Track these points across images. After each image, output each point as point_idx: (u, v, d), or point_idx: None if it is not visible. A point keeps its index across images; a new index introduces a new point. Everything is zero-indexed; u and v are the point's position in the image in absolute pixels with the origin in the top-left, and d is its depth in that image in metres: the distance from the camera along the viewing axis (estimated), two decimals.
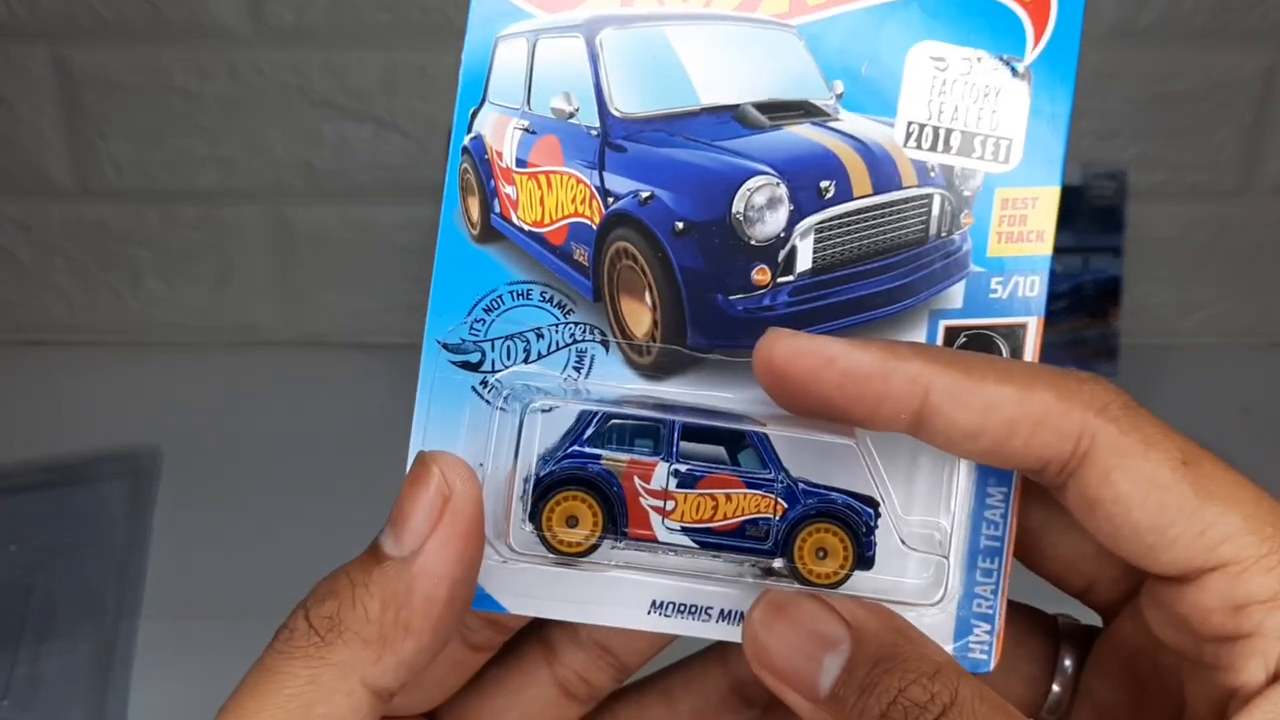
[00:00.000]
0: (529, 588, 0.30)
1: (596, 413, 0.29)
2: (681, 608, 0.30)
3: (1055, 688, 0.32)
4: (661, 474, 0.29)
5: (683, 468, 0.29)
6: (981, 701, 0.26)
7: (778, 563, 0.29)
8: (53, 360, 0.91)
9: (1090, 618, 0.33)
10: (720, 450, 0.30)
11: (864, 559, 0.29)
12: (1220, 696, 0.27)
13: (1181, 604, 0.27)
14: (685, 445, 0.29)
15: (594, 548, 0.29)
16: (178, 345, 0.92)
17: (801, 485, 0.30)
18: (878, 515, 0.29)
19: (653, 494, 0.29)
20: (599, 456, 0.29)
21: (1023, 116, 0.30)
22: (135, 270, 0.91)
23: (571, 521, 0.29)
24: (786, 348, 0.27)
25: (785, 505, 0.29)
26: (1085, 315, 0.86)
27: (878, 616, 0.28)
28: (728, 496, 0.29)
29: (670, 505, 0.29)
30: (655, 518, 0.29)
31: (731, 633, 0.30)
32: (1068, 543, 0.31)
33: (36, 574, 0.73)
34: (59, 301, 0.92)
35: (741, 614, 0.29)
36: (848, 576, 0.29)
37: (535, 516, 0.29)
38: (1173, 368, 0.89)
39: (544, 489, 0.29)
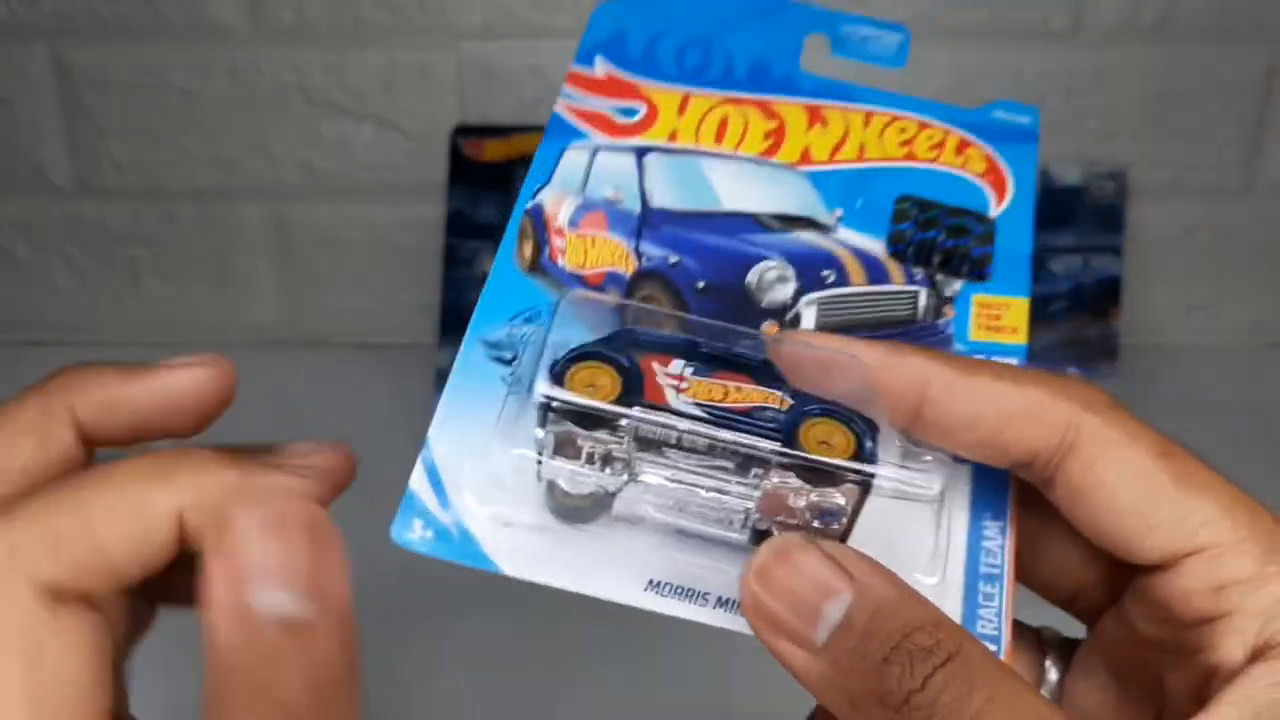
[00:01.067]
0: (528, 551, 0.30)
1: (621, 330, 0.33)
2: (679, 590, 0.30)
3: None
4: (678, 365, 0.32)
5: (697, 363, 0.32)
6: (986, 657, 0.26)
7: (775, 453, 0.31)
8: (53, 360, 0.90)
9: (1074, 629, 0.33)
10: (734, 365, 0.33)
11: (863, 460, 0.31)
12: (1200, 680, 0.28)
13: (1163, 590, 0.28)
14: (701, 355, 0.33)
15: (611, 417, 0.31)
16: (178, 345, 0.92)
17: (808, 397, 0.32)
18: (876, 433, 0.31)
19: (669, 375, 0.32)
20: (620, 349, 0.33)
21: (990, 252, 0.36)
22: (135, 270, 0.91)
23: (591, 389, 0.31)
24: (794, 344, 0.30)
25: (791, 402, 0.32)
26: (1085, 315, 0.85)
27: (880, 572, 0.27)
28: (738, 388, 0.32)
29: (685, 385, 0.32)
30: (670, 391, 0.32)
31: (728, 620, 0.30)
32: (1054, 551, 0.32)
33: None
34: (59, 301, 0.92)
35: (738, 603, 0.29)
36: (850, 461, 0.31)
37: (558, 382, 0.31)
38: (1173, 368, 0.89)
39: (565, 363, 0.32)
